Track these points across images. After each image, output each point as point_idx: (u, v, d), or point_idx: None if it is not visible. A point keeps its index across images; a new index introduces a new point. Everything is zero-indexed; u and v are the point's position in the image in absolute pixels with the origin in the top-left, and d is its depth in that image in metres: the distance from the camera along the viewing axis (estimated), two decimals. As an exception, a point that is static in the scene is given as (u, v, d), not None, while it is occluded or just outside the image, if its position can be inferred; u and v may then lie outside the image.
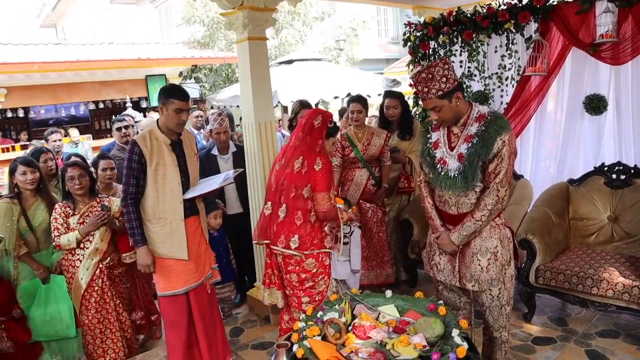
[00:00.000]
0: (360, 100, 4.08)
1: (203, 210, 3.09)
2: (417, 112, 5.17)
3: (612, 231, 3.70)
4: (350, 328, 2.50)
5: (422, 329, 2.33)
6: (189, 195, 2.89)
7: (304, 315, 2.57)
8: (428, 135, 2.61)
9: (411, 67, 5.15)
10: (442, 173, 2.48)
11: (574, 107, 4.13)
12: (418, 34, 4.97)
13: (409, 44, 5.10)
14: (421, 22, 4.96)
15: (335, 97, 8.82)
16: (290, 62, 9.50)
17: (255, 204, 3.87)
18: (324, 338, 2.36)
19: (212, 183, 3.04)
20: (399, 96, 4.28)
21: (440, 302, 2.58)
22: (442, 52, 4.87)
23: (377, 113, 5.42)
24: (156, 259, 2.87)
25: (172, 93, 2.78)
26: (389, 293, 2.74)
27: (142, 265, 2.86)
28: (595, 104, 3.99)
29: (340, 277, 3.60)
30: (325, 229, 2.95)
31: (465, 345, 2.18)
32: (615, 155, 3.90)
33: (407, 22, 5.09)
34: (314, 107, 4.53)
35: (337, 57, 12.52)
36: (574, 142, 4.17)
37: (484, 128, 2.36)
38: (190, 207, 2.93)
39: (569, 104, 4.16)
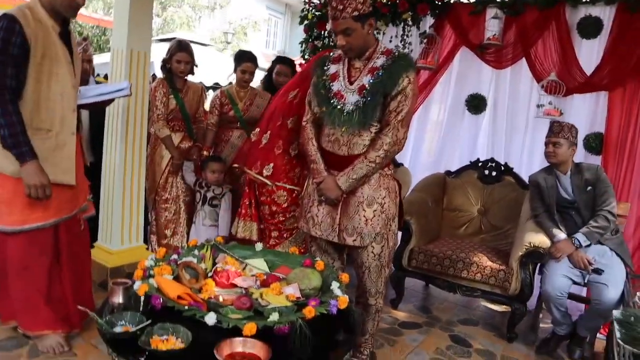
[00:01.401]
0: (253, 61, 3.68)
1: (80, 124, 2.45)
2: None
3: (480, 223, 3.77)
4: (210, 274, 2.06)
5: (297, 279, 1.98)
6: (83, 101, 2.28)
7: (153, 255, 2.06)
8: (325, 67, 2.33)
9: (303, 46, 4.93)
10: (338, 107, 2.21)
11: (456, 104, 4.24)
12: (317, 13, 4.78)
13: (305, 21, 4.88)
14: (322, 1, 4.78)
15: (216, 84, 8.30)
16: (173, 40, 8.76)
17: (111, 153, 3.21)
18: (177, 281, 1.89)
19: (102, 90, 2.42)
20: (292, 63, 4.00)
21: (317, 258, 2.27)
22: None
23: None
24: (15, 180, 2.12)
25: None
26: (259, 246, 2.36)
27: (34, 186, 2.08)
28: (476, 103, 4.14)
29: (205, 243, 3.13)
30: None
31: (347, 297, 1.88)
32: (488, 153, 4.04)
33: (307, 0, 4.88)
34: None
35: (222, 50, 12.03)
36: (452, 137, 4.27)
37: (391, 62, 2.16)
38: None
39: (452, 101, 4.26)
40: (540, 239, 2.96)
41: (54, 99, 2.13)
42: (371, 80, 2.15)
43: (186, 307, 1.66)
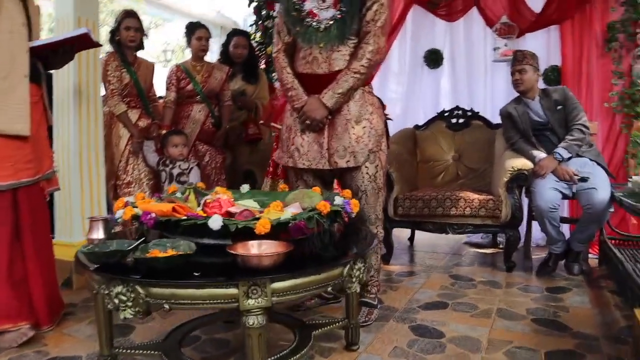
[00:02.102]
0: (206, 27, 3.52)
1: (44, 80, 2.17)
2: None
3: (457, 169, 3.75)
4: (200, 208, 1.86)
5: (297, 199, 1.82)
6: (37, 42, 2.02)
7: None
8: None
9: (254, 28, 4.82)
10: (312, 25, 2.10)
11: (415, 60, 4.26)
12: (261, -5, 4.71)
13: (253, 3, 4.80)
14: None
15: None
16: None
17: (64, 137, 2.90)
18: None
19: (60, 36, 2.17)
20: (248, 35, 3.88)
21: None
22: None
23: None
24: None
25: None
26: (245, 187, 2.19)
27: None
28: (434, 57, 4.17)
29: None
30: None
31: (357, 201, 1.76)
32: (452, 102, 4.06)
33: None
34: None
35: (164, 67, 11.72)
36: (415, 92, 4.27)
37: None
38: (31, 69, 2.01)
39: (410, 58, 4.28)
40: (522, 162, 2.96)
41: (0, 37, 1.89)
42: None
43: (184, 217, 1.47)
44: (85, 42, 2.20)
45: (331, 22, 2.08)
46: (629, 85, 3.30)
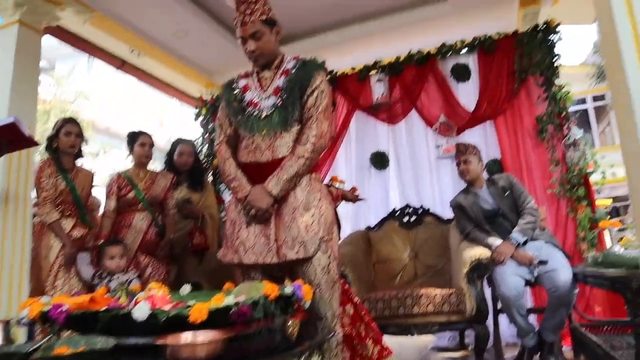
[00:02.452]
0: (149, 135, 3.48)
1: None
2: None
3: (414, 268, 3.62)
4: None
5: (243, 291, 1.62)
6: None
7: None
8: (234, 85, 2.24)
9: (200, 140, 4.85)
10: (254, 114, 2.08)
11: (361, 163, 4.33)
12: (210, 107, 4.83)
13: (200, 117, 4.88)
14: (213, 96, 4.87)
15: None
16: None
17: None
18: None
19: None
20: (193, 143, 3.86)
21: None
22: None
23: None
24: None
25: None
26: (185, 288, 1.97)
27: None
28: (380, 159, 4.26)
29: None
30: None
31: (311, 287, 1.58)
32: (402, 201, 4.07)
33: (199, 97, 4.94)
34: None
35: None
36: (364, 193, 4.24)
37: (302, 64, 2.15)
38: None
39: (357, 161, 4.35)
40: (479, 251, 2.87)
41: None
42: (285, 80, 2.10)
43: (103, 309, 1.23)
44: (14, 136, 2.05)
45: (272, 110, 2.06)
46: (566, 171, 3.44)
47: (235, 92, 2.19)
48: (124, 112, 13.62)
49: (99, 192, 3.54)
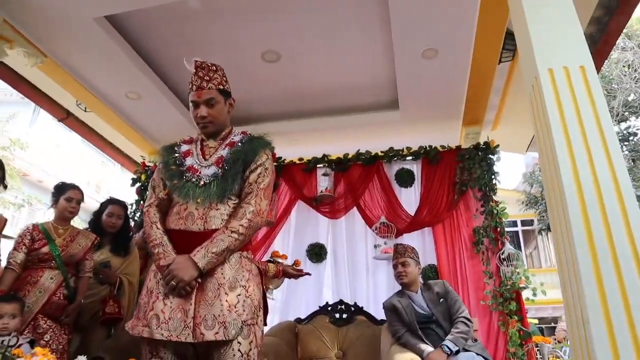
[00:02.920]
0: (79, 189, 3.24)
1: None
2: None
3: (341, 369, 3.40)
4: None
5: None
6: None
7: None
8: (175, 148, 2.16)
9: (133, 207, 4.60)
10: (192, 180, 1.99)
11: (298, 253, 4.22)
12: (151, 174, 4.65)
13: (137, 184, 4.67)
14: (156, 163, 4.71)
15: None
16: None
17: None
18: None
19: None
20: (125, 206, 3.64)
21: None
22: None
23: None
24: None
25: None
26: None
27: None
28: (317, 251, 4.18)
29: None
30: None
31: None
32: (335, 296, 3.94)
33: (141, 162, 4.77)
34: None
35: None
36: (297, 285, 4.10)
37: (248, 139, 2.13)
38: None
39: (293, 251, 4.24)
40: (409, 357, 2.74)
41: None
42: (230, 151, 2.05)
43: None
44: None
45: (212, 179, 1.98)
46: (499, 285, 3.49)
47: (176, 155, 2.11)
48: (60, 168, 12.98)
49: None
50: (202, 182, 1.97)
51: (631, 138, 10.17)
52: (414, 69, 3.57)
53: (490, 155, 4.06)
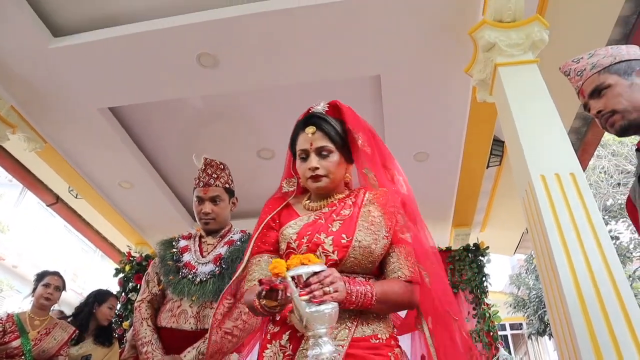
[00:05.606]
0: (60, 275, 3.13)
1: None
2: None
3: None
4: None
5: None
6: None
7: None
8: (174, 243, 2.13)
9: (119, 300, 4.40)
10: (188, 277, 1.95)
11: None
12: (136, 266, 4.52)
13: (120, 274, 4.52)
14: (142, 254, 4.61)
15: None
16: None
17: None
18: None
19: None
20: (116, 296, 3.50)
21: None
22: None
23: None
24: None
25: None
26: None
27: None
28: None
29: None
30: None
31: None
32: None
33: (127, 252, 4.66)
34: None
35: None
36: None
37: (248, 236, 2.12)
38: None
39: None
40: None
41: None
42: (229, 250, 2.03)
43: None
44: None
45: (209, 277, 1.94)
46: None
47: (174, 250, 2.08)
48: (38, 253, 12.60)
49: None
50: (198, 280, 1.92)
51: (613, 242, 10.35)
52: (406, 171, 3.67)
53: (480, 257, 4.06)
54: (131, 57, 2.92)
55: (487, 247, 4.12)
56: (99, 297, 3.33)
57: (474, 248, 4.14)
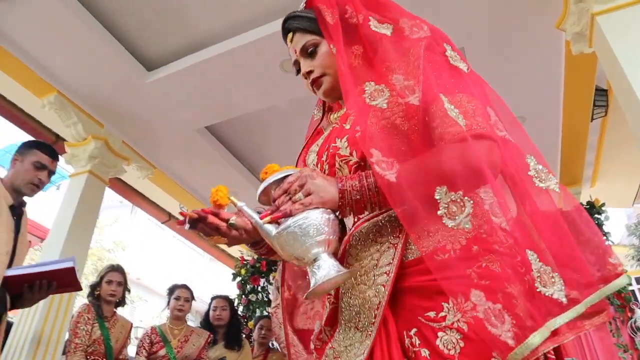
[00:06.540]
0: (187, 287, 3.42)
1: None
2: None
3: None
4: None
5: None
6: (13, 272, 1.85)
7: None
8: None
9: (236, 301, 4.71)
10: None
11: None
12: (250, 268, 4.79)
13: (238, 278, 4.82)
14: (255, 257, 4.87)
15: None
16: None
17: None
18: None
19: (40, 266, 1.98)
20: (228, 298, 3.75)
21: None
22: (271, 290, 4.68)
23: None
24: None
25: (37, 144, 2.12)
26: None
27: None
28: None
29: None
30: None
31: None
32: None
33: (240, 257, 4.95)
34: None
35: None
36: None
37: None
38: None
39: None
40: None
41: None
42: None
43: None
44: (67, 279, 2.01)
45: None
46: (638, 359, 3.11)
47: None
48: (156, 265, 13.80)
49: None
50: None
51: None
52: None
53: (596, 215, 3.80)
54: (219, 76, 3.08)
55: (603, 204, 3.85)
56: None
57: (587, 207, 3.89)
